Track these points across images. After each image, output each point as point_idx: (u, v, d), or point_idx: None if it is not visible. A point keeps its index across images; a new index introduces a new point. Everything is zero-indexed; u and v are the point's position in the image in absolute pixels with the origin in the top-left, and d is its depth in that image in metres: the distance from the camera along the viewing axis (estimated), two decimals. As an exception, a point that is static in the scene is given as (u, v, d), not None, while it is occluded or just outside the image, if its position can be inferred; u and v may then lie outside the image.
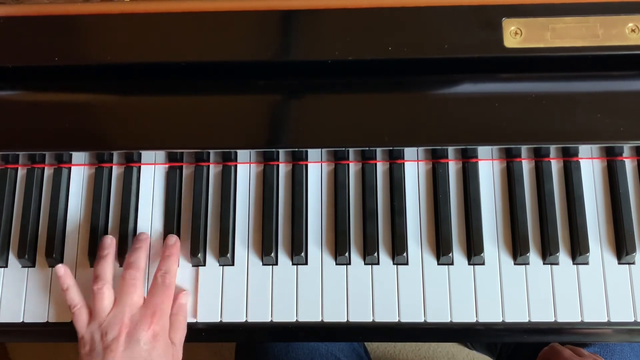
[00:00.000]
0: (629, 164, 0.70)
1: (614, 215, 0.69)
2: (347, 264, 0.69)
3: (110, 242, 0.68)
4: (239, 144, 0.68)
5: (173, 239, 0.68)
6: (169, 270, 0.66)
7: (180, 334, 0.65)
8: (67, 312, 0.69)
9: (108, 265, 0.66)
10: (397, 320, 0.67)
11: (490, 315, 0.66)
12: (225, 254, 0.69)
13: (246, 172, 0.72)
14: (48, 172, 0.73)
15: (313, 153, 0.71)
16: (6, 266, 0.71)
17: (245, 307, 0.68)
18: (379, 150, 0.70)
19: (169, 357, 0.62)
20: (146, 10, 0.67)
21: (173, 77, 0.68)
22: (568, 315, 0.66)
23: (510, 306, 0.66)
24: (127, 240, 0.70)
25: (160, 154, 0.72)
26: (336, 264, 0.69)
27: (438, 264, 0.68)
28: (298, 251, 0.68)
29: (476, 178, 0.70)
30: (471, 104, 0.66)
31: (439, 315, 0.67)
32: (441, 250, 0.68)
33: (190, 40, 0.67)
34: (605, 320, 0.66)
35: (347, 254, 0.68)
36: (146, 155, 0.72)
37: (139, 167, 0.73)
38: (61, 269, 0.66)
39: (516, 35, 0.64)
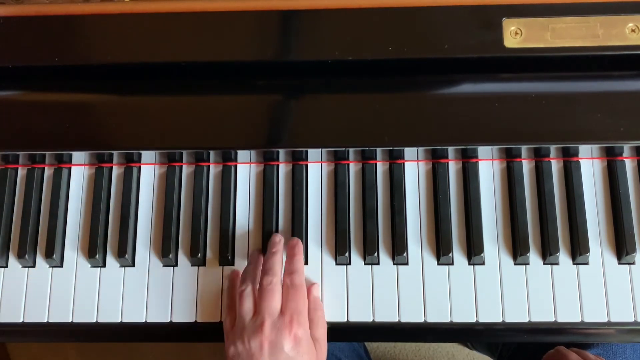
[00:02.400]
0: (629, 164, 0.70)
1: (614, 215, 0.68)
2: (347, 264, 0.69)
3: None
4: (239, 144, 0.68)
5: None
6: (295, 269, 0.64)
7: (322, 329, 0.64)
8: (66, 312, 0.69)
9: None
10: (397, 320, 0.67)
11: (490, 315, 0.66)
12: (226, 254, 0.69)
13: (246, 172, 0.72)
14: (48, 172, 0.73)
15: (313, 153, 0.71)
16: (6, 266, 0.71)
17: (245, 307, 0.68)
18: (379, 150, 0.70)
19: (313, 356, 0.61)
20: (146, 10, 0.67)
21: (173, 77, 0.68)
22: (568, 315, 0.66)
23: (510, 306, 0.66)
24: (127, 241, 0.70)
25: (160, 154, 0.72)
26: (336, 264, 0.69)
27: (438, 264, 0.68)
28: (298, 251, 0.68)
29: (476, 178, 0.70)
30: (471, 104, 0.66)
31: (439, 315, 0.67)
32: (441, 250, 0.68)
33: (190, 40, 0.67)
34: (606, 320, 0.66)
35: (347, 254, 0.68)
36: (146, 155, 0.72)
37: (139, 167, 0.73)
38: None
39: (516, 35, 0.64)
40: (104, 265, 0.70)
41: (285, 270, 0.65)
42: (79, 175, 0.73)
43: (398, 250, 0.68)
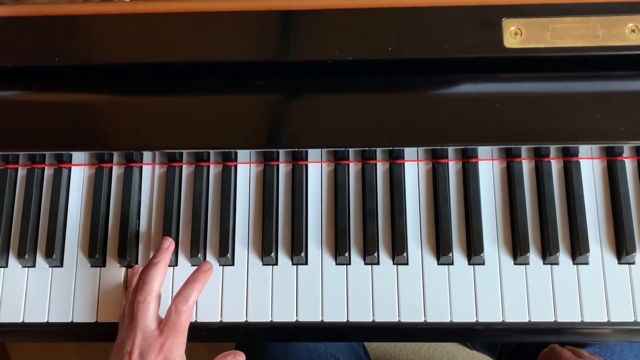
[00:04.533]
0: (629, 164, 0.70)
1: (614, 215, 0.69)
2: (347, 264, 0.69)
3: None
4: (239, 144, 0.68)
5: (207, 265, 0.67)
6: (187, 298, 0.63)
7: None
8: (66, 312, 0.69)
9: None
10: (397, 320, 0.67)
11: (490, 315, 0.66)
12: (225, 254, 0.69)
13: (246, 172, 0.72)
14: (48, 172, 0.73)
15: (313, 153, 0.71)
16: (6, 266, 0.71)
17: (245, 307, 0.68)
18: (379, 150, 0.70)
19: None
20: (146, 10, 0.67)
21: (173, 77, 0.68)
22: (568, 315, 0.66)
23: (510, 306, 0.66)
24: (126, 241, 0.70)
25: (161, 154, 0.72)
26: (336, 264, 0.69)
27: (438, 264, 0.68)
28: (298, 251, 0.68)
29: (476, 178, 0.70)
30: (471, 104, 0.66)
31: (439, 315, 0.67)
32: (441, 250, 0.68)
33: (191, 40, 0.67)
34: (605, 320, 0.66)
35: (347, 254, 0.68)
36: (146, 155, 0.72)
37: (139, 167, 0.73)
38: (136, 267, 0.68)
39: (516, 35, 0.64)
40: (104, 265, 0.70)
41: (178, 293, 0.63)
42: (79, 175, 0.73)
43: (398, 250, 0.68)
